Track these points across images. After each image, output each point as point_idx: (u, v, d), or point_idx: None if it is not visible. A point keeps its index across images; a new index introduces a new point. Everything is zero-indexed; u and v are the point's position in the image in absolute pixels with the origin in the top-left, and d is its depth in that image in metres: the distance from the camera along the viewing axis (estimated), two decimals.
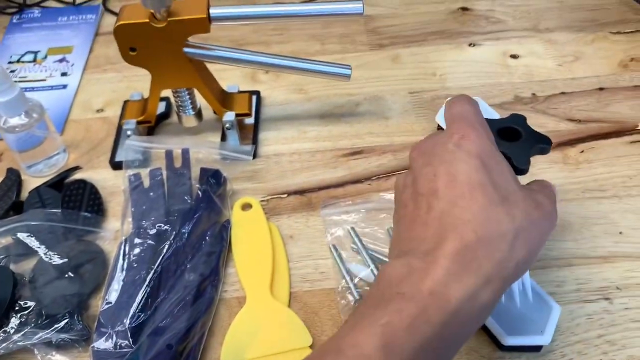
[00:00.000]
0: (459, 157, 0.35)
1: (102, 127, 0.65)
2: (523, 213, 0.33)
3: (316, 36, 0.76)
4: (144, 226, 0.50)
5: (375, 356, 0.29)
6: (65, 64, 0.73)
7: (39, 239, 0.50)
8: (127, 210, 0.53)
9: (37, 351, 0.45)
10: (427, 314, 0.30)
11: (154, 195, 0.53)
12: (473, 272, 0.31)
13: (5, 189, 0.54)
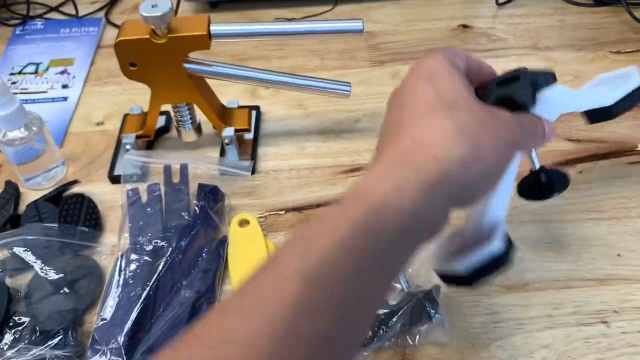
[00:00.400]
0: (408, 79, 0.36)
1: (101, 140, 0.65)
2: (469, 114, 0.33)
3: (316, 52, 0.76)
4: (140, 242, 0.50)
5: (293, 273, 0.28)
6: (66, 76, 0.74)
7: (35, 253, 0.50)
8: (125, 225, 0.53)
9: None
10: (347, 209, 0.29)
11: (151, 211, 0.53)
12: (405, 166, 0.31)
13: (2, 202, 0.54)
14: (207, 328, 0.27)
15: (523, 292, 0.49)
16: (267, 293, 0.27)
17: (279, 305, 0.27)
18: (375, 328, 0.44)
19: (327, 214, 0.30)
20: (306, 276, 0.27)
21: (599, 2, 0.80)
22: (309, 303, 0.27)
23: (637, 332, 0.46)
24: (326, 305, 0.27)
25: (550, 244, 0.52)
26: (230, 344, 0.26)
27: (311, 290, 0.27)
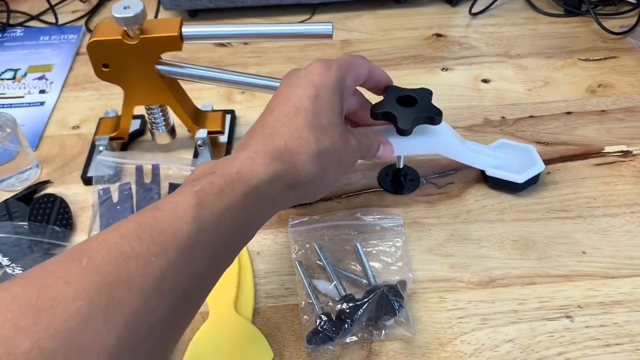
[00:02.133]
0: (300, 84, 0.43)
1: (76, 143, 0.66)
2: (331, 141, 0.42)
3: (293, 59, 0.77)
4: None
5: (188, 211, 0.34)
6: (44, 81, 0.74)
7: (3, 251, 0.50)
8: (95, 223, 0.53)
9: None
10: (233, 186, 0.37)
11: (121, 209, 0.53)
12: (278, 164, 0.39)
13: None
14: (106, 244, 0.31)
15: (489, 288, 0.50)
16: (164, 227, 0.32)
17: (175, 237, 0.32)
18: (341, 321, 0.45)
19: (221, 183, 0.37)
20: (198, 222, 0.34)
21: (569, 13, 0.83)
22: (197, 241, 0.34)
23: (599, 326, 0.47)
24: (209, 246, 0.34)
25: (517, 242, 0.53)
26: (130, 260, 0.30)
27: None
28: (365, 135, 0.48)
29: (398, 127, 0.50)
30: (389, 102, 0.53)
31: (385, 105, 0.52)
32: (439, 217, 0.56)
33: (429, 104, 0.51)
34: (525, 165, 0.56)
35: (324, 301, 0.49)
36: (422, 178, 0.59)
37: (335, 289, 0.49)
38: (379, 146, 0.50)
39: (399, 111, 0.51)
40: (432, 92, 0.52)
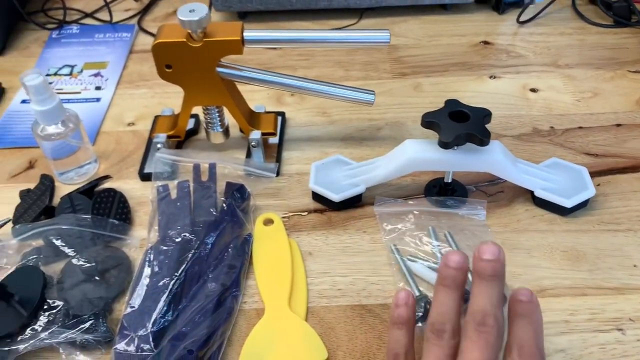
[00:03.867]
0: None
1: (132, 140, 0.68)
2: None
3: (340, 63, 0.78)
4: (169, 234, 0.52)
5: None
6: (99, 78, 0.76)
7: (68, 243, 0.52)
8: (154, 219, 0.55)
9: (62, 350, 0.46)
10: None
11: (180, 206, 0.55)
12: None
13: (38, 194, 0.57)
14: None
15: (539, 298, 0.50)
16: None
17: None
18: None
19: None
20: None
21: (619, 24, 0.82)
22: None
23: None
24: None
25: (567, 253, 0.54)
26: None
27: None
28: None
29: (440, 139, 0.51)
30: (440, 112, 0.53)
31: (435, 115, 0.53)
32: (489, 225, 0.56)
33: (481, 124, 0.52)
34: (575, 189, 0.56)
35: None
36: (472, 186, 0.60)
37: (434, 273, 0.51)
38: None
39: (446, 123, 0.51)
40: (490, 113, 0.53)
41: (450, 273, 0.39)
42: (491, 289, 0.37)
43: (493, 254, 0.37)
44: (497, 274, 0.37)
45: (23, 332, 0.45)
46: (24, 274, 0.49)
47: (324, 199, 0.58)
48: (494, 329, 0.35)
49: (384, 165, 0.57)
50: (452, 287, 0.38)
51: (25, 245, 0.54)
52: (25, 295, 0.47)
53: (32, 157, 0.66)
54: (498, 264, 0.37)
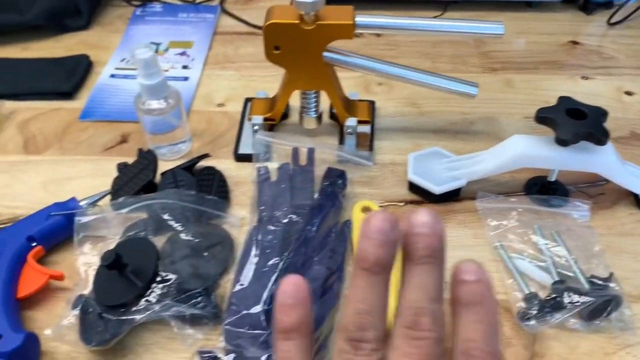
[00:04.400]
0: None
1: (222, 120, 0.68)
2: None
3: (427, 54, 0.77)
4: (276, 215, 0.52)
5: None
6: (186, 57, 0.77)
7: (175, 217, 0.53)
8: (257, 199, 0.55)
9: (173, 323, 0.46)
10: None
11: (285, 188, 0.55)
12: None
13: (140, 168, 0.57)
14: None
15: None
16: None
17: None
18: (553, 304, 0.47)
19: None
20: None
21: None
22: None
23: None
24: None
25: None
26: None
27: None
28: None
29: (557, 136, 0.50)
30: (556, 109, 0.52)
31: (551, 111, 0.52)
32: (594, 228, 0.55)
33: (599, 123, 0.51)
34: None
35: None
36: (571, 186, 0.59)
37: (542, 271, 0.50)
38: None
39: (563, 120, 0.51)
40: (607, 113, 0.52)
41: (373, 249, 0.26)
42: (426, 275, 0.26)
43: (428, 225, 0.26)
44: (433, 254, 0.26)
45: (137, 303, 0.46)
46: (133, 245, 0.50)
47: (421, 190, 0.58)
48: (432, 332, 0.26)
49: (489, 160, 0.56)
50: (376, 271, 0.26)
51: (125, 217, 0.54)
52: (139, 266, 0.47)
53: (125, 131, 0.67)
54: (434, 239, 0.26)
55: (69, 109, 0.69)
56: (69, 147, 0.65)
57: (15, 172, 0.62)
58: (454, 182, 0.56)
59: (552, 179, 0.57)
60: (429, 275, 0.26)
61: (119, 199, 0.55)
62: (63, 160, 0.63)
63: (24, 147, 0.65)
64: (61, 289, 0.51)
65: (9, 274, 0.49)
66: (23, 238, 0.51)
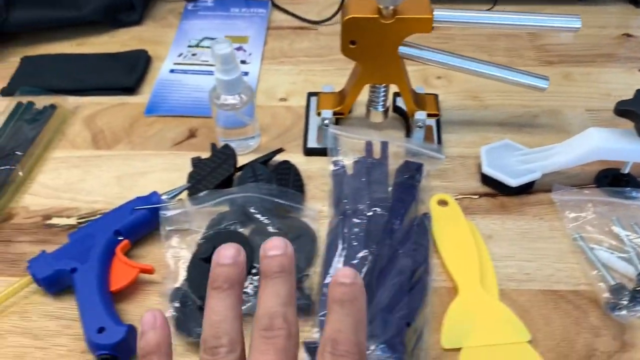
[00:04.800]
0: None
1: (286, 114, 0.68)
2: None
3: (483, 47, 0.78)
4: (360, 208, 0.53)
5: None
6: (242, 52, 0.77)
7: (259, 210, 0.53)
8: (334, 192, 0.56)
9: None
10: None
11: (363, 182, 0.55)
12: None
13: (218, 162, 0.58)
14: None
15: None
16: None
17: None
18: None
19: None
20: None
21: None
22: None
23: None
24: None
25: None
26: None
27: None
28: None
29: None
30: (635, 102, 0.53)
31: (632, 103, 0.53)
32: None
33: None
34: None
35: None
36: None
37: (625, 262, 0.51)
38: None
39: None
40: None
41: (223, 271, 0.31)
42: (279, 285, 0.31)
43: (279, 248, 0.32)
44: (284, 269, 0.31)
45: None
46: (225, 238, 0.50)
47: (494, 182, 0.58)
48: (283, 330, 0.29)
49: (564, 153, 0.56)
50: (224, 288, 0.31)
51: (206, 210, 0.55)
52: None
53: (192, 126, 0.67)
54: (285, 258, 0.32)
55: (133, 104, 0.70)
56: (138, 142, 0.65)
57: (88, 166, 0.63)
58: (529, 175, 0.57)
59: (625, 171, 0.57)
60: (281, 286, 0.31)
61: (200, 193, 0.55)
62: (134, 155, 0.64)
63: (93, 142, 0.65)
64: (149, 282, 0.52)
65: (101, 267, 0.49)
66: (110, 232, 0.52)
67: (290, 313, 0.30)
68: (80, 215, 0.57)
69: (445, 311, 0.49)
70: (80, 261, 0.50)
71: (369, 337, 0.44)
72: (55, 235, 0.56)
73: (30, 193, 0.60)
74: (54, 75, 0.73)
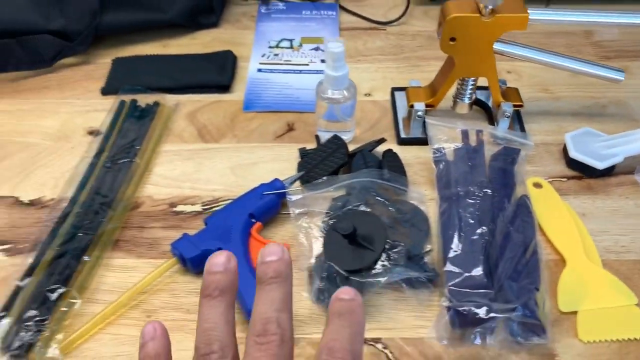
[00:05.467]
0: None
1: (373, 108, 0.73)
2: None
3: (543, 45, 0.82)
4: (471, 190, 0.58)
5: None
6: (320, 52, 0.82)
7: (375, 193, 0.58)
8: (439, 177, 0.61)
9: (405, 285, 0.52)
10: None
11: (470, 166, 0.60)
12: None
13: (329, 152, 0.63)
14: None
15: None
16: None
17: None
18: None
19: None
20: None
21: None
22: None
23: None
24: None
25: None
26: None
27: None
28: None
29: None
30: None
31: None
32: None
33: None
34: None
35: None
36: None
37: None
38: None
39: None
40: None
41: (214, 279, 0.32)
42: (274, 291, 0.31)
43: (276, 254, 0.32)
44: (280, 275, 0.32)
45: (374, 268, 0.51)
46: (358, 217, 0.55)
47: (580, 166, 0.64)
48: (276, 335, 0.30)
49: None
50: (215, 296, 0.32)
51: (325, 195, 0.60)
52: (367, 235, 0.52)
53: (288, 120, 0.72)
54: (281, 264, 0.32)
55: (228, 101, 0.75)
56: (242, 136, 0.70)
57: (200, 158, 0.67)
58: (613, 159, 0.63)
59: None
60: (276, 292, 0.31)
61: (315, 180, 0.60)
62: (241, 147, 0.68)
63: (199, 136, 0.70)
64: None
65: (244, 248, 0.54)
66: (245, 215, 0.56)
67: (284, 319, 0.31)
68: (203, 202, 0.62)
69: (556, 280, 0.54)
70: (223, 242, 0.54)
71: (505, 302, 0.49)
72: (184, 220, 0.60)
73: (151, 183, 0.64)
74: (150, 74, 0.77)
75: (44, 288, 0.52)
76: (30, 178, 0.65)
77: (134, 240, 0.58)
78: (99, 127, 0.70)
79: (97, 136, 0.69)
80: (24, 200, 0.62)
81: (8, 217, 0.61)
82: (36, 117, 0.72)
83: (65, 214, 0.59)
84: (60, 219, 0.58)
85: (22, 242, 0.58)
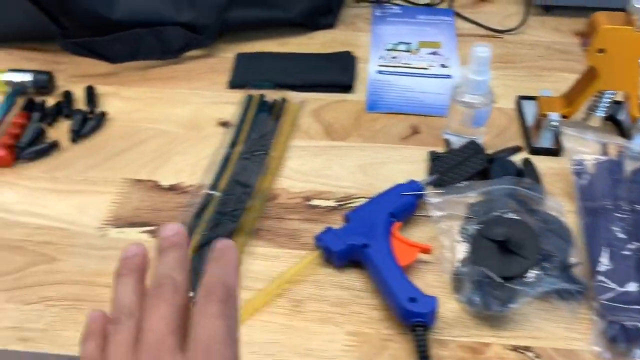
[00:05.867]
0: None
1: (500, 116, 0.73)
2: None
3: None
4: (619, 204, 0.57)
5: None
6: (439, 57, 0.82)
7: (515, 200, 0.58)
8: (580, 189, 0.60)
9: (556, 296, 0.51)
10: None
11: (614, 179, 0.59)
12: None
13: (465, 156, 0.63)
14: None
15: None
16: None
17: None
18: None
19: None
20: None
21: None
22: None
23: None
24: None
25: None
26: None
27: None
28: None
29: None
30: None
31: None
32: None
33: None
34: None
35: None
36: None
37: None
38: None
39: None
40: None
41: (127, 262, 0.36)
42: (169, 255, 0.34)
43: (172, 229, 0.36)
44: (175, 244, 0.35)
45: (526, 276, 0.51)
46: (508, 224, 0.54)
47: None
48: (169, 285, 0.33)
49: None
50: (126, 274, 0.35)
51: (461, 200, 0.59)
52: (518, 242, 0.52)
53: (412, 123, 0.72)
54: (177, 236, 0.36)
55: (352, 101, 0.75)
56: (368, 135, 0.70)
57: (328, 155, 0.68)
58: None
59: None
60: (170, 254, 0.34)
61: (455, 183, 0.60)
62: (367, 147, 0.69)
63: (326, 134, 0.71)
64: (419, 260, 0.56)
65: (388, 245, 0.54)
66: (386, 214, 0.57)
67: (179, 275, 0.33)
68: (337, 198, 0.63)
69: None
70: (368, 238, 0.55)
71: None
72: (320, 215, 0.61)
73: (285, 177, 0.65)
74: (273, 71, 0.78)
75: (194, 272, 0.53)
76: (168, 164, 0.67)
77: (274, 231, 0.59)
78: (228, 118, 0.72)
79: (228, 127, 0.70)
80: (163, 185, 0.64)
81: (149, 200, 0.63)
82: (167, 105, 0.75)
83: (207, 200, 0.60)
84: (202, 204, 0.60)
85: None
